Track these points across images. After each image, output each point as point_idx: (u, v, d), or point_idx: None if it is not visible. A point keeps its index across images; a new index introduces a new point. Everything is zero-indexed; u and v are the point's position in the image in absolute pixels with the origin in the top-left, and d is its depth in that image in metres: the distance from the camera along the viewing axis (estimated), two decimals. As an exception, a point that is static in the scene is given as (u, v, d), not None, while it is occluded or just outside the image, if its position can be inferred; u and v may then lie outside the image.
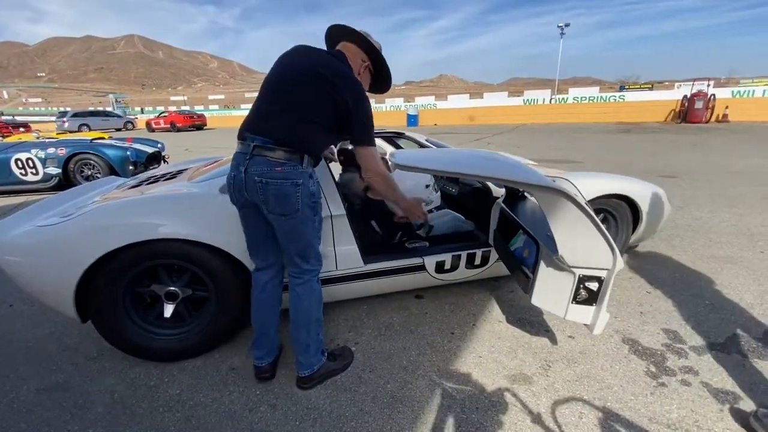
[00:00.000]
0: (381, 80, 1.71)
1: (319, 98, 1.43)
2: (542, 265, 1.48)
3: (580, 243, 1.27)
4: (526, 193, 2.21)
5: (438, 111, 25.53)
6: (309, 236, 1.56)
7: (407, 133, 3.01)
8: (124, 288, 1.76)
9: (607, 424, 1.47)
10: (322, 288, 1.99)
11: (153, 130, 23.26)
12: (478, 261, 2.28)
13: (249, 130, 1.46)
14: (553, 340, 2.00)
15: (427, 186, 2.20)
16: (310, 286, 1.63)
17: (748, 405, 1.54)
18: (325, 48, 1.63)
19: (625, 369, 1.76)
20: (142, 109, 52.36)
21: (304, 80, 1.43)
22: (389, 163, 2.07)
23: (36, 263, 1.66)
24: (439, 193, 2.43)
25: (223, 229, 1.74)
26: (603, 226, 1.17)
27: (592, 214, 1.17)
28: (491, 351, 1.93)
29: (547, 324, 2.15)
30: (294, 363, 1.71)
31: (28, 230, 1.70)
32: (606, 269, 1.32)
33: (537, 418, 1.51)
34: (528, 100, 25.26)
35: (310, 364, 1.69)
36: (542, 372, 1.77)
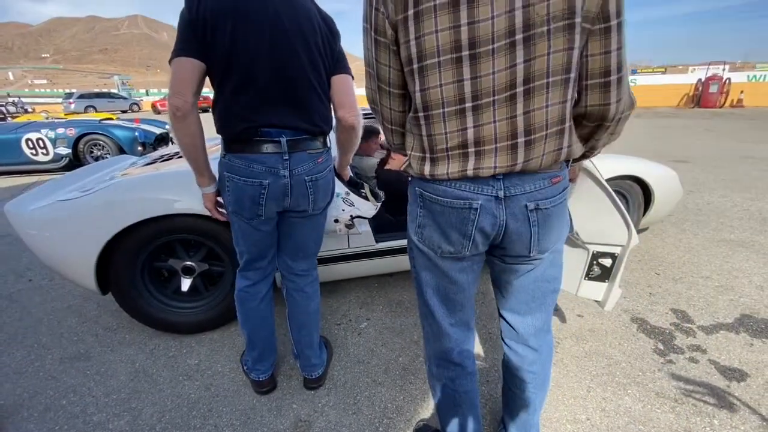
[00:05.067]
0: None
1: (324, 61, 1.22)
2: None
3: (596, 219, 1.28)
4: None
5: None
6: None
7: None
8: (143, 262, 1.80)
9: (614, 397, 1.51)
10: (333, 266, 2.02)
11: (159, 112, 23.21)
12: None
13: (265, 123, 1.17)
14: (562, 318, 2.03)
15: (338, 194, 1.64)
16: (314, 279, 1.55)
17: (755, 383, 1.56)
18: None
19: (634, 347, 1.79)
20: (147, 91, 52.22)
21: (306, 44, 1.17)
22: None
23: (57, 236, 1.70)
24: (370, 201, 1.79)
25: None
26: (620, 202, 1.17)
27: (610, 190, 1.17)
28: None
29: (555, 303, 2.17)
30: (303, 368, 1.59)
31: (49, 204, 1.73)
32: (620, 245, 1.33)
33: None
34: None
35: (322, 362, 1.61)
36: (551, 348, 1.80)
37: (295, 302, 1.52)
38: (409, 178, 0.94)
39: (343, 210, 1.61)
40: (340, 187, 1.58)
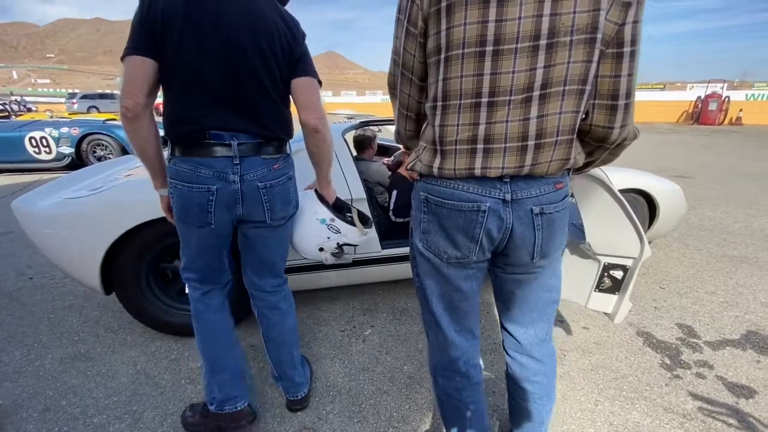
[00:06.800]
0: None
1: (286, 63, 1.17)
2: (565, 253, 1.49)
3: (609, 231, 1.28)
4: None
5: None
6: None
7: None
8: (148, 262, 1.79)
9: (622, 411, 1.49)
10: (338, 272, 2.00)
11: (161, 115, 23.31)
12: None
13: (215, 126, 1.12)
14: (568, 330, 2.01)
15: (323, 221, 1.45)
16: (287, 293, 1.46)
17: (764, 400, 1.55)
18: None
19: (640, 360, 1.78)
20: (150, 94, 52.29)
21: (257, 46, 1.11)
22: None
23: (65, 235, 1.69)
24: (358, 227, 1.54)
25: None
26: (633, 215, 1.17)
27: (624, 201, 1.18)
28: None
29: (561, 315, 2.16)
30: (286, 390, 1.50)
31: (57, 202, 1.73)
32: (632, 258, 1.33)
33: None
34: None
35: (306, 380, 1.52)
36: (557, 361, 1.78)
37: (269, 321, 1.42)
38: (414, 183, 0.95)
39: (329, 238, 1.48)
40: (324, 213, 1.45)
